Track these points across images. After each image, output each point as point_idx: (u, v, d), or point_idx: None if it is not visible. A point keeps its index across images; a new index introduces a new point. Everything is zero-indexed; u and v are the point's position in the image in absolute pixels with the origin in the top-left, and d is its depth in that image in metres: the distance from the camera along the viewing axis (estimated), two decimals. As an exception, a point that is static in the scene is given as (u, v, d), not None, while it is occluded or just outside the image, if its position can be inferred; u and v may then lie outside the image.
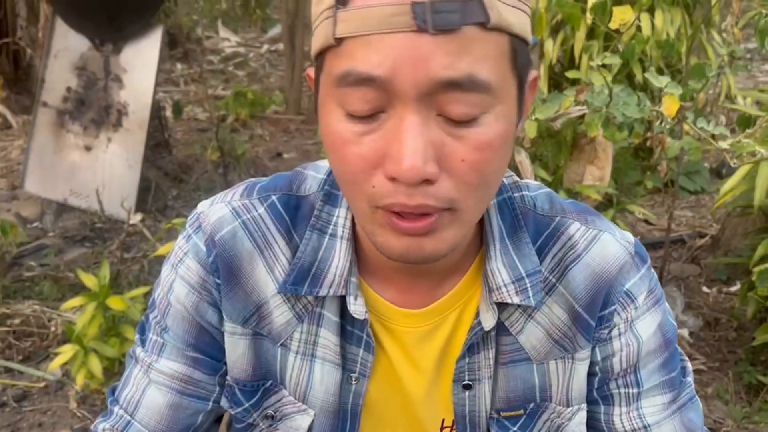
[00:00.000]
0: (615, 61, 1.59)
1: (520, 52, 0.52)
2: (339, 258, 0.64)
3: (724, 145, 1.38)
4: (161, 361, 0.69)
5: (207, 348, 0.69)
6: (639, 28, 2.85)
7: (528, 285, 0.63)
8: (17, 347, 2.21)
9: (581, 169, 1.78)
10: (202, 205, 0.70)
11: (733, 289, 2.60)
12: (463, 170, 0.50)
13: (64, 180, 3.15)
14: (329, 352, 0.67)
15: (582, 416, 0.70)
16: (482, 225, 0.66)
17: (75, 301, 1.84)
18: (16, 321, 2.27)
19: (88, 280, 1.83)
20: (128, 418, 0.69)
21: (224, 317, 0.68)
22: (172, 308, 0.68)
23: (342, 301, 0.65)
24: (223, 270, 0.66)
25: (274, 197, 0.67)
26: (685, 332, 2.35)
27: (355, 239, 0.66)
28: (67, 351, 1.82)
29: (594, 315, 0.66)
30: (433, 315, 0.66)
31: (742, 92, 3.25)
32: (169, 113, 3.92)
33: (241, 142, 3.81)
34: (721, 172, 3.63)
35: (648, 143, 3.26)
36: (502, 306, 0.64)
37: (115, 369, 1.93)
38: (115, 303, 1.79)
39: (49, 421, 1.97)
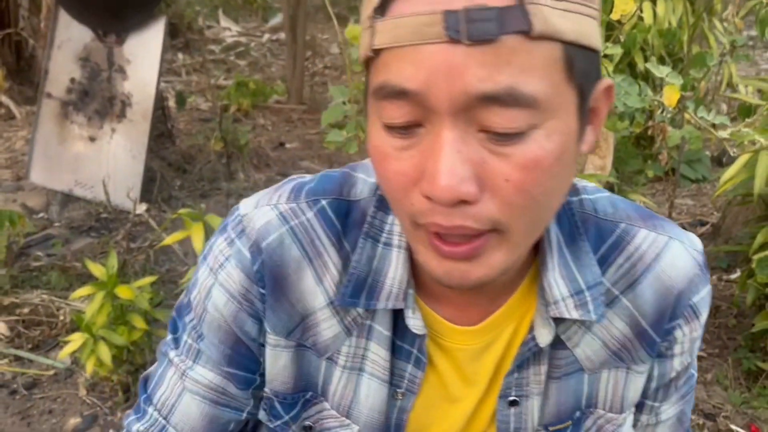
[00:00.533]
0: (616, 51, 1.60)
1: (579, 60, 0.47)
2: (396, 268, 0.60)
3: (723, 134, 1.39)
4: (196, 369, 0.66)
5: (243, 360, 0.66)
6: (641, 18, 2.86)
7: (588, 299, 0.59)
8: (26, 336, 2.24)
9: (583, 159, 1.80)
10: (245, 207, 0.64)
11: (734, 276, 2.63)
12: (508, 191, 0.46)
13: (69, 171, 3.17)
14: (378, 368, 0.63)
15: (630, 419, 0.69)
16: None
17: (83, 291, 1.86)
18: (25, 310, 2.30)
19: (96, 269, 1.85)
20: (163, 422, 0.68)
21: (267, 329, 0.64)
22: (209, 315, 0.65)
23: (394, 314, 0.62)
24: (269, 279, 0.62)
25: (324, 201, 0.63)
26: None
27: (409, 250, 0.61)
28: (76, 339, 1.85)
29: (659, 330, 0.63)
30: (488, 331, 0.63)
31: (743, 81, 3.26)
32: (172, 104, 3.93)
33: (244, 132, 3.83)
34: (722, 160, 3.64)
35: (650, 132, 3.27)
36: (559, 320, 0.61)
37: (123, 357, 1.96)
38: (123, 292, 1.82)
39: (59, 408, 2.01)
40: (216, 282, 0.64)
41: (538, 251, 0.62)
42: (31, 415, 1.98)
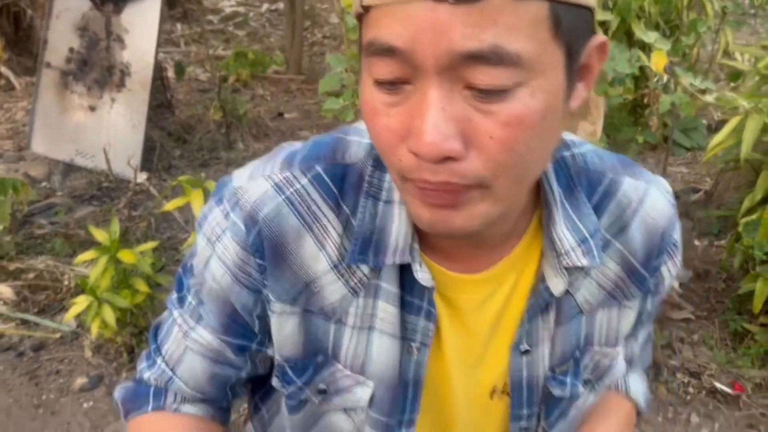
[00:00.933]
0: (607, 17, 1.63)
1: (567, 18, 0.47)
2: (399, 224, 0.61)
3: (709, 98, 1.42)
4: (198, 330, 0.69)
5: (239, 329, 0.68)
6: (637, -16, 2.85)
7: (593, 246, 0.63)
8: (32, 300, 2.30)
9: (574, 124, 1.83)
10: (239, 179, 0.65)
11: (724, 242, 2.67)
12: (492, 147, 0.47)
13: (70, 140, 3.21)
14: (388, 324, 0.64)
15: (622, 354, 0.73)
16: (538, 187, 0.63)
17: (87, 255, 1.91)
18: (30, 276, 2.36)
19: (99, 234, 1.90)
20: (170, 373, 0.71)
21: (272, 298, 0.64)
22: (207, 285, 0.66)
23: (400, 270, 0.63)
24: (268, 250, 0.62)
25: (318, 168, 0.63)
26: (675, 283, 2.43)
27: None
28: (81, 302, 1.91)
29: (649, 267, 0.68)
30: (491, 280, 0.65)
31: (740, 48, 3.27)
32: (171, 74, 3.95)
33: (242, 102, 3.84)
34: (718, 128, 3.66)
35: (645, 100, 3.29)
36: (569, 269, 0.63)
37: (127, 320, 2.02)
38: (126, 256, 1.87)
39: (66, 369, 2.08)
40: (214, 253, 0.65)
41: (537, 204, 0.64)
42: (39, 376, 2.05)
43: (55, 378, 2.05)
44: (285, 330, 0.66)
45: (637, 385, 0.83)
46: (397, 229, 0.61)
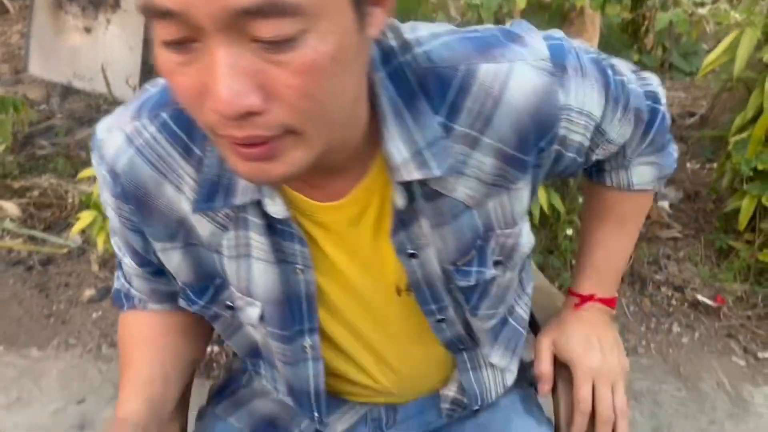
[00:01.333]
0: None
1: None
2: None
3: (703, 11, 1.43)
4: (125, 259, 0.76)
5: (146, 260, 0.74)
6: None
7: (428, 157, 0.61)
8: (38, 217, 2.36)
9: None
10: (101, 130, 0.67)
11: (716, 165, 2.71)
12: (291, 96, 0.47)
13: (67, 62, 3.19)
14: (263, 252, 0.67)
15: (527, 226, 0.74)
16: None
17: (90, 171, 1.96)
18: (35, 193, 2.41)
19: (101, 151, 1.94)
20: (128, 285, 0.80)
21: (150, 239, 0.69)
22: (112, 225, 0.72)
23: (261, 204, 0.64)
24: (132, 199, 0.67)
25: (164, 114, 0.64)
26: (665, 204, 2.49)
27: None
28: (85, 217, 1.96)
29: (528, 150, 0.65)
30: (353, 203, 0.66)
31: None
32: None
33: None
34: (718, 53, 3.63)
35: (646, 23, 3.26)
36: (424, 179, 0.62)
37: (131, 234, 2.08)
38: (128, 172, 1.91)
39: (74, 282, 2.16)
40: (103, 201, 0.70)
41: None
42: (49, 288, 2.14)
43: (65, 290, 2.13)
44: (173, 262, 0.71)
45: (642, 174, 0.83)
46: None
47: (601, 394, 0.84)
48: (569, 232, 2.11)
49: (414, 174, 0.61)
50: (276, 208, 0.63)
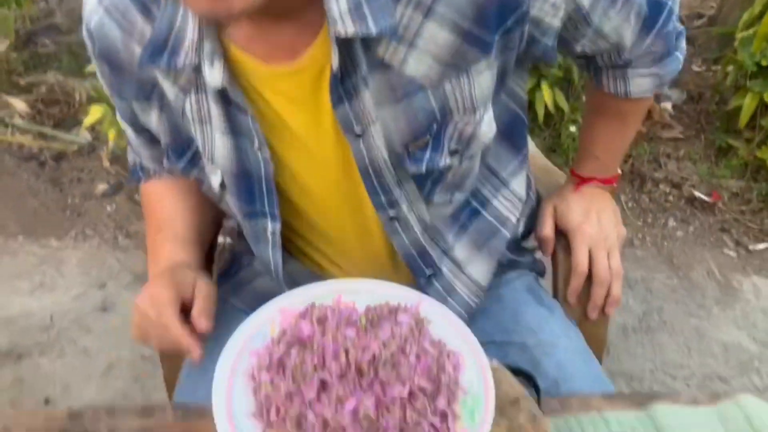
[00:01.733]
0: None
1: None
2: (194, 23, 0.62)
3: None
4: (128, 130, 0.80)
5: (138, 125, 0.77)
6: None
7: (367, 11, 0.58)
8: (47, 113, 2.38)
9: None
10: None
11: (721, 66, 2.71)
12: None
13: (63, -41, 3.11)
14: (220, 122, 0.68)
15: (489, 115, 0.70)
16: None
17: (98, 64, 1.96)
18: (42, 89, 2.42)
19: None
20: (139, 159, 0.86)
21: (130, 100, 0.72)
22: (107, 92, 0.76)
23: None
24: (105, 59, 0.70)
25: None
26: (668, 105, 2.50)
27: None
28: (95, 111, 1.99)
29: (489, 28, 0.61)
30: (311, 64, 0.64)
31: None
32: None
33: None
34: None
35: None
36: (368, 42, 0.60)
37: (140, 130, 2.11)
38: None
39: (86, 177, 2.21)
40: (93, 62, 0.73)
41: None
42: (62, 183, 2.19)
43: (78, 185, 2.18)
44: (151, 123, 0.74)
45: (640, 84, 0.82)
46: (193, 29, 0.62)
47: (598, 258, 0.89)
48: (573, 129, 2.14)
49: (350, 28, 0.58)
50: (214, 75, 0.63)
